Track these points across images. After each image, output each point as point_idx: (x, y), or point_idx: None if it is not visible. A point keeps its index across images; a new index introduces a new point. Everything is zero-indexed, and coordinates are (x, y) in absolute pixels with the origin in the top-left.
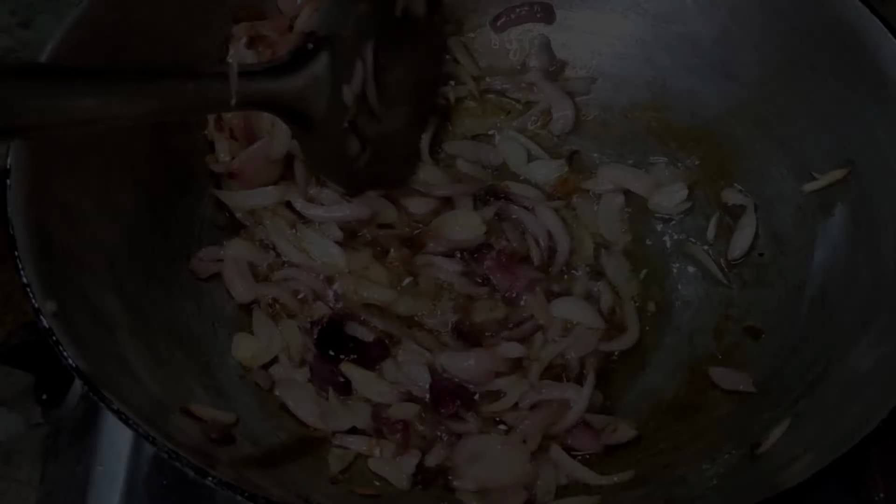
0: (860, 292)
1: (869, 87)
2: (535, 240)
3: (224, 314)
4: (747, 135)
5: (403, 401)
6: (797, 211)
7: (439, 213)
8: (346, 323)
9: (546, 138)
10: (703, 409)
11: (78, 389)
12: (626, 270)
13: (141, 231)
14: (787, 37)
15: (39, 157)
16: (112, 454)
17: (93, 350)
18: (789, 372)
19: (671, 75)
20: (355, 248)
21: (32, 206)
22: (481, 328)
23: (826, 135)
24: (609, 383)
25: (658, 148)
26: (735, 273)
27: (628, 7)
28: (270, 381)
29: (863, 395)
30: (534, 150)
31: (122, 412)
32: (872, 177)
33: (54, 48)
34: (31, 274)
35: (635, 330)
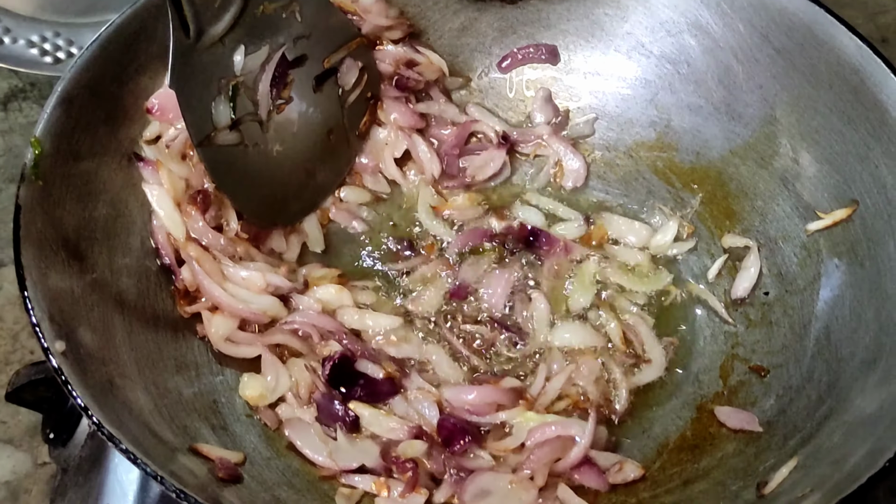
0: (866, 332)
1: (873, 127)
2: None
3: None
4: (751, 174)
5: (413, 437)
6: (802, 250)
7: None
8: (357, 360)
9: (558, 189)
10: (709, 447)
11: (85, 428)
12: (638, 309)
13: (147, 272)
14: (791, 77)
15: (48, 197)
16: (119, 493)
17: (101, 389)
18: (795, 411)
19: (675, 115)
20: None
21: (41, 247)
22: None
23: (830, 174)
24: (613, 422)
25: (662, 187)
26: (740, 312)
27: (632, 48)
28: (278, 421)
29: (869, 434)
30: (552, 208)
31: (130, 451)
32: (877, 216)
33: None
34: (40, 314)
35: (661, 361)
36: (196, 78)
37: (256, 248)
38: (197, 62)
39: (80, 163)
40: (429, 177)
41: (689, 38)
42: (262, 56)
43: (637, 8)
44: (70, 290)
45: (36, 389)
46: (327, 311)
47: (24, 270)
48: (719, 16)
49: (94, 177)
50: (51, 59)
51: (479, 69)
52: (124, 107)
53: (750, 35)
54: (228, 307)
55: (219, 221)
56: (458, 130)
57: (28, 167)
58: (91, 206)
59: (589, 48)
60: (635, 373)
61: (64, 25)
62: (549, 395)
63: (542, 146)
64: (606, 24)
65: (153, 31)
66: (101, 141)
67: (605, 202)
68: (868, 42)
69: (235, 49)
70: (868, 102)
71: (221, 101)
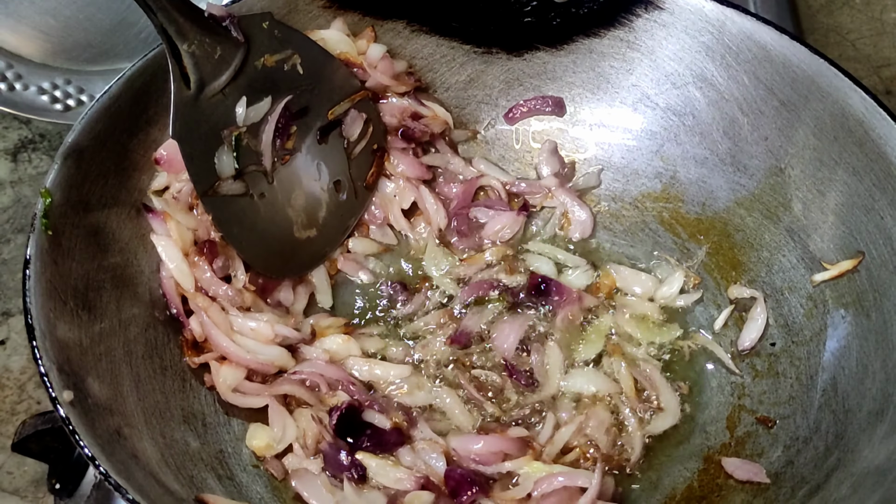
0: (873, 383)
1: (878, 179)
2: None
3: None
4: (757, 225)
5: (420, 488)
6: (808, 301)
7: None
8: (364, 410)
9: (565, 240)
10: (716, 499)
11: (91, 479)
12: (649, 358)
13: (155, 322)
14: (795, 128)
15: (58, 247)
16: None
17: (108, 439)
18: (803, 462)
19: (681, 166)
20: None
21: (50, 297)
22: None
23: (836, 225)
24: (622, 472)
25: (668, 237)
26: (747, 363)
27: (638, 100)
28: (284, 471)
29: (878, 486)
30: (561, 258)
31: (137, 502)
32: (883, 266)
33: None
34: (49, 364)
35: (675, 409)
36: (199, 129)
37: (264, 301)
38: (199, 113)
39: (89, 213)
40: (435, 229)
41: (694, 90)
42: (265, 107)
43: (643, 61)
44: (79, 340)
45: (42, 440)
46: (335, 360)
47: (33, 321)
48: (724, 69)
49: (104, 227)
50: (61, 106)
51: (485, 121)
52: (133, 158)
53: (755, 87)
54: (236, 358)
55: (227, 272)
56: (465, 188)
57: (38, 218)
58: (100, 256)
59: (595, 100)
60: (650, 421)
61: (75, 73)
62: (557, 444)
63: (550, 198)
64: (612, 77)
65: (162, 83)
66: (110, 192)
67: (611, 253)
68: (872, 94)
69: (237, 100)
70: (873, 154)
71: (225, 152)
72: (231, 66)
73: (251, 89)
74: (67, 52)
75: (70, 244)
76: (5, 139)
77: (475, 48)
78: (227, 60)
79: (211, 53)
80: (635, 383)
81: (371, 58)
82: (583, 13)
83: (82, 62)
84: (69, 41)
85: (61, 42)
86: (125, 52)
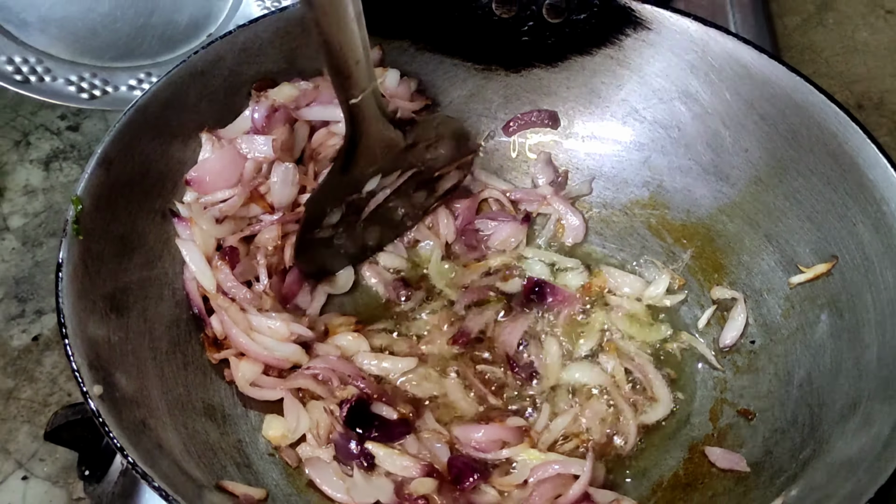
0: (846, 379)
1: (850, 188)
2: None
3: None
4: (738, 230)
5: (424, 475)
6: (785, 301)
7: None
8: (372, 402)
9: (559, 244)
10: (700, 486)
11: (118, 466)
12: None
13: (178, 321)
14: (774, 141)
15: (88, 251)
16: None
17: (134, 430)
18: (780, 453)
19: (667, 176)
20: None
21: (81, 298)
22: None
23: (811, 231)
24: (613, 461)
25: (655, 242)
26: (728, 359)
27: (627, 114)
28: (298, 459)
29: (850, 475)
30: (556, 260)
31: (161, 488)
32: (855, 270)
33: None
34: (80, 360)
35: (668, 400)
36: (328, 199)
37: (283, 306)
38: (337, 184)
39: (117, 219)
40: (442, 242)
41: (679, 105)
42: (391, 179)
43: (632, 77)
44: (107, 337)
45: (73, 430)
46: (346, 356)
47: (64, 320)
48: (708, 85)
49: (130, 232)
50: (87, 95)
51: (485, 133)
52: (158, 167)
53: (736, 103)
54: (254, 354)
55: (247, 278)
56: (469, 203)
57: (69, 223)
58: (127, 259)
59: (587, 114)
60: (645, 411)
61: (100, 68)
62: (553, 433)
63: (545, 205)
64: (603, 92)
65: (185, 98)
66: (136, 199)
67: (602, 256)
68: (845, 109)
69: (373, 177)
70: (846, 165)
71: (337, 211)
72: (387, 156)
73: (388, 166)
74: (93, 52)
75: (99, 248)
76: (38, 149)
77: (476, 65)
78: (387, 153)
79: (379, 149)
80: (628, 376)
81: (389, 87)
82: (576, 33)
83: (107, 60)
84: (95, 42)
85: (88, 42)
86: (145, 53)
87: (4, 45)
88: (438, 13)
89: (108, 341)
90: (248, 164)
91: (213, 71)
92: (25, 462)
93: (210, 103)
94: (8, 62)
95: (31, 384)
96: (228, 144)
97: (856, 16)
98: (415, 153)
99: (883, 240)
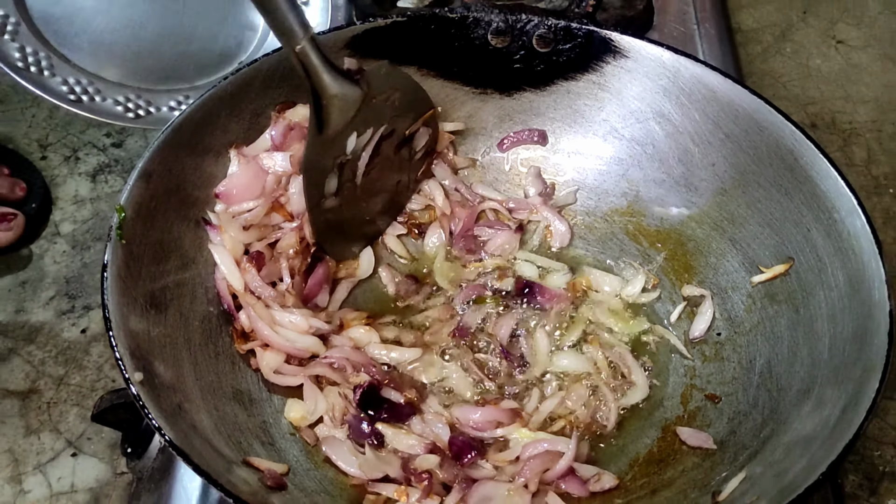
0: (801, 366)
1: (805, 198)
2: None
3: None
4: (705, 235)
5: (428, 452)
6: (748, 298)
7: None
8: (382, 388)
9: (548, 248)
10: (672, 462)
11: (157, 444)
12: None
13: (210, 316)
14: (738, 156)
15: (130, 254)
16: (184, 498)
17: (171, 412)
18: (743, 432)
19: (643, 187)
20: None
21: (124, 295)
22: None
23: (770, 236)
24: (595, 439)
25: (632, 246)
26: (697, 349)
27: (608, 133)
28: (316, 438)
29: (806, 452)
30: (544, 264)
31: (195, 464)
32: (809, 270)
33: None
34: (122, 350)
35: (644, 384)
36: (319, 162)
37: (304, 304)
38: (322, 148)
39: (155, 226)
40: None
41: (654, 124)
42: (367, 137)
43: (611, 100)
44: (147, 330)
45: (117, 412)
46: (358, 346)
47: (109, 315)
48: (679, 106)
49: (167, 237)
50: (133, 115)
51: (481, 149)
52: (192, 180)
53: (704, 122)
54: (277, 345)
55: (273, 279)
56: (469, 212)
57: (113, 229)
58: (164, 261)
59: (572, 132)
60: (624, 395)
61: (144, 90)
62: (542, 415)
63: (535, 213)
64: (586, 113)
65: (216, 119)
66: (173, 208)
67: (585, 258)
68: (800, 128)
69: (349, 135)
70: (801, 177)
71: (331, 177)
72: (353, 110)
73: (360, 123)
74: (138, 75)
75: (140, 251)
76: (86, 163)
77: (473, 89)
78: (351, 106)
79: (342, 102)
80: (609, 363)
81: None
82: (562, 60)
83: (151, 83)
84: (140, 66)
85: (134, 67)
86: (184, 77)
87: (60, 67)
88: (441, 43)
89: (147, 334)
90: (269, 177)
91: (241, 94)
92: (75, 440)
93: (238, 123)
94: (63, 83)
95: (79, 371)
96: (252, 160)
97: (810, 45)
98: (377, 108)
99: (833, 243)
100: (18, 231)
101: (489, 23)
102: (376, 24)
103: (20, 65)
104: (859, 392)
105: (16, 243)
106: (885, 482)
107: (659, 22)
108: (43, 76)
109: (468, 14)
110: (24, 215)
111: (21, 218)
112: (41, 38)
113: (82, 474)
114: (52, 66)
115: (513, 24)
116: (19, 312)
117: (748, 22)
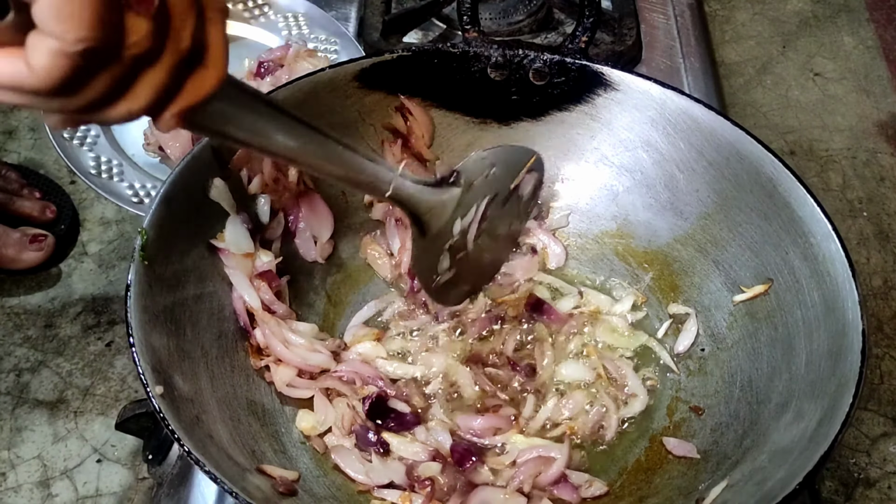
0: (780, 381)
1: (783, 223)
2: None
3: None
4: (690, 257)
5: (431, 459)
6: (729, 316)
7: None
8: (389, 399)
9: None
10: (659, 470)
11: (176, 452)
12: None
13: (226, 332)
14: (720, 183)
15: (152, 274)
16: (202, 503)
17: (189, 423)
18: (725, 443)
19: (632, 211)
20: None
21: (146, 312)
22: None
23: (751, 258)
24: (590, 447)
25: (622, 266)
26: (682, 364)
27: (598, 160)
28: (325, 447)
29: (784, 462)
30: (558, 286)
31: (211, 472)
32: (787, 290)
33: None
34: (144, 365)
35: (644, 395)
36: (427, 255)
37: None
38: (428, 244)
39: (175, 248)
40: None
41: (642, 152)
42: (472, 216)
43: (602, 129)
44: (167, 345)
45: (139, 421)
46: (367, 361)
47: (132, 331)
48: (665, 136)
49: (186, 258)
50: (136, 199)
51: None
52: (207, 204)
53: (688, 151)
54: (290, 360)
55: None
56: None
57: (137, 251)
58: (184, 280)
59: (565, 160)
60: (625, 404)
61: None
62: (538, 422)
63: (531, 236)
64: (578, 142)
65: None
66: (192, 231)
67: (579, 278)
68: (779, 157)
69: (454, 222)
70: (780, 203)
71: (444, 257)
72: (453, 207)
73: (462, 209)
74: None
75: (161, 271)
76: None
77: (473, 119)
78: (451, 205)
79: (441, 209)
80: (609, 375)
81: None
82: (556, 93)
83: None
84: None
85: None
86: None
87: (129, 172)
88: (444, 76)
89: (167, 349)
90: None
91: None
92: (100, 447)
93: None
94: (129, 187)
95: (104, 382)
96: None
97: (789, 77)
98: (476, 189)
99: (810, 266)
100: (49, 251)
101: (488, 57)
102: (383, 58)
103: (93, 172)
104: (835, 405)
105: (46, 262)
106: (859, 488)
107: (647, 56)
108: (112, 181)
109: (469, 49)
110: (53, 236)
111: (51, 239)
112: (116, 146)
113: (107, 479)
114: (122, 172)
115: (511, 59)
116: (49, 327)
117: (731, 56)
